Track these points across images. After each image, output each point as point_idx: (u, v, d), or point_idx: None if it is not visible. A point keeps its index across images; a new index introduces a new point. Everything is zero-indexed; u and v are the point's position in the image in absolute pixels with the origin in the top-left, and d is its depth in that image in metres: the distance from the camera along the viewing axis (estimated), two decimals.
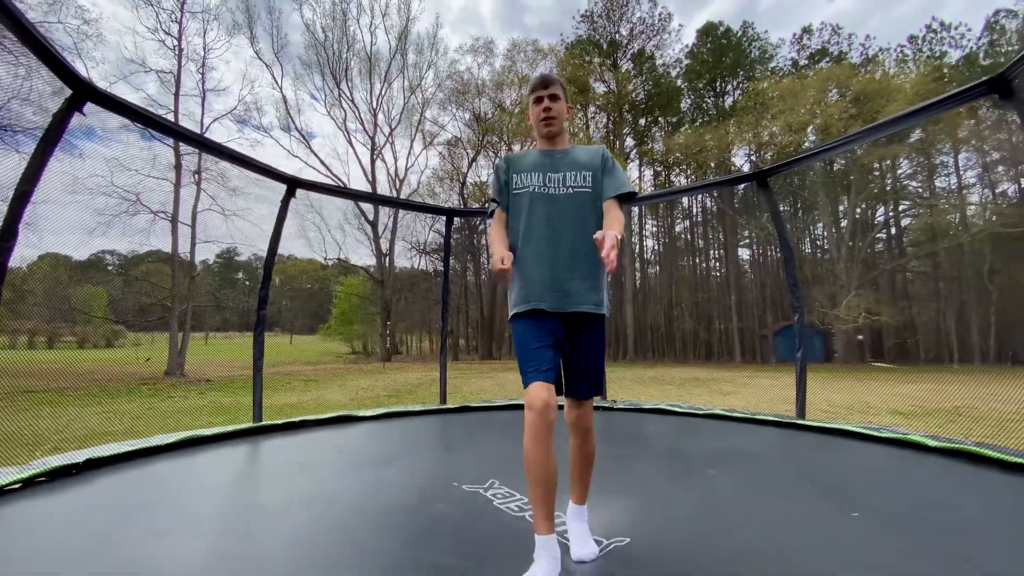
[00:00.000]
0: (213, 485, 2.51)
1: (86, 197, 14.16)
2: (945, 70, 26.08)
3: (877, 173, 28.36)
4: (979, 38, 27.83)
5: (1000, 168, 25.81)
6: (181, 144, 16.18)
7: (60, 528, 1.90)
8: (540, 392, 1.44)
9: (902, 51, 29.62)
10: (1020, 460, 2.38)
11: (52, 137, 2.22)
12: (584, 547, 1.60)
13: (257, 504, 2.25)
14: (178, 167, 17.18)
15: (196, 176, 17.80)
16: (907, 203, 29.07)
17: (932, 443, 2.79)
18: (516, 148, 30.40)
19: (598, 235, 1.38)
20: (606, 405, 4.36)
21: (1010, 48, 25.62)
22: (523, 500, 2.13)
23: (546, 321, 1.61)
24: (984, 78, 2.56)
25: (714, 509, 2.07)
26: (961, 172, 26.99)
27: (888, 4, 61.32)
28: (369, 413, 4.36)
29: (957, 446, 2.71)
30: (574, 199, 1.67)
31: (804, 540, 1.72)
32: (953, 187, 27.25)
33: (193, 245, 17.91)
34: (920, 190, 28.45)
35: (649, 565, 1.53)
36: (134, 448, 2.90)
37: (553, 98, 1.73)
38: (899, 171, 28.55)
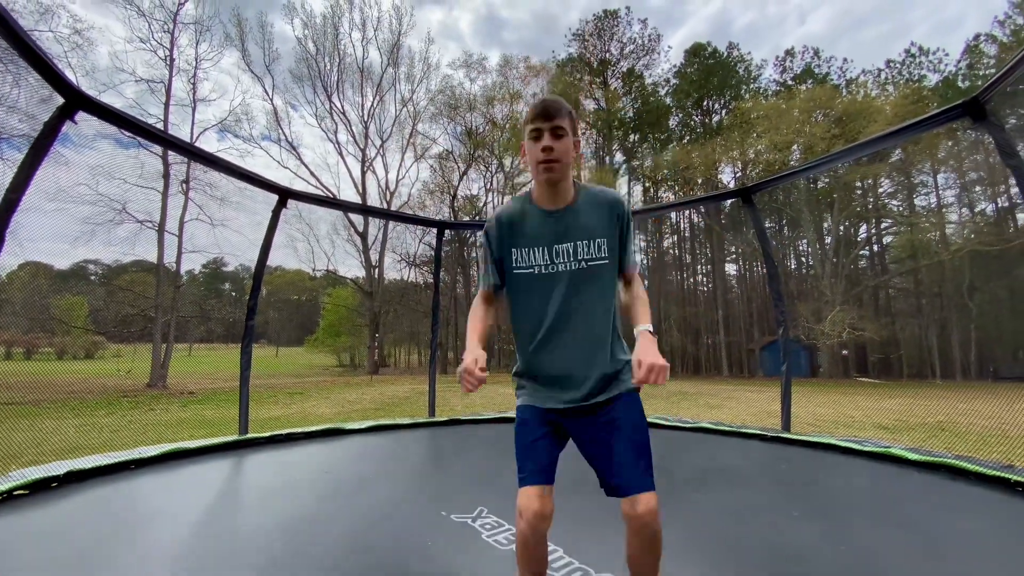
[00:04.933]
0: (197, 501, 2.47)
1: (70, 205, 13.98)
2: (925, 92, 26.92)
3: (860, 191, 29.04)
4: (958, 62, 28.85)
5: (977, 188, 26.57)
6: (169, 153, 16.09)
7: (41, 542, 1.85)
8: (531, 501, 1.27)
9: (880, 74, 30.60)
10: (998, 473, 2.43)
11: (42, 145, 2.21)
12: None
13: (236, 529, 2.21)
14: (166, 176, 17.06)
15: (184, 185, 17.68)
16: (888, 221, 29.75)
17: (913, 456, 2.84)
18: (507, 163, 30.62)
19: (635, 360, 1.22)
20: None
21: (988, 71, 26.54)
22: (511, 531, 2.07)
23: (555, 414, 1.39)
24: (958, 102, 2.66)
25: (703, 525, 2.08)
26: (940, 191, 27.74)
27: (855, 28, 63.65)
28: (357, 426, 4.32)
29: (938, 459, 2.76)
30: (588, 276, 1.37)
31: (786, 548, 1.74)
32: (933, 206, 27.97)
33: (179, 255, 17.73)
34: (901, 208, 29.15)
35: None
36: (117, 460, 2.84)
37: (556, 134, 1.31)
38: (880, 190, 29.27)
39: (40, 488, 2.44)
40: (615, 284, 1.43)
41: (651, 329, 1.32)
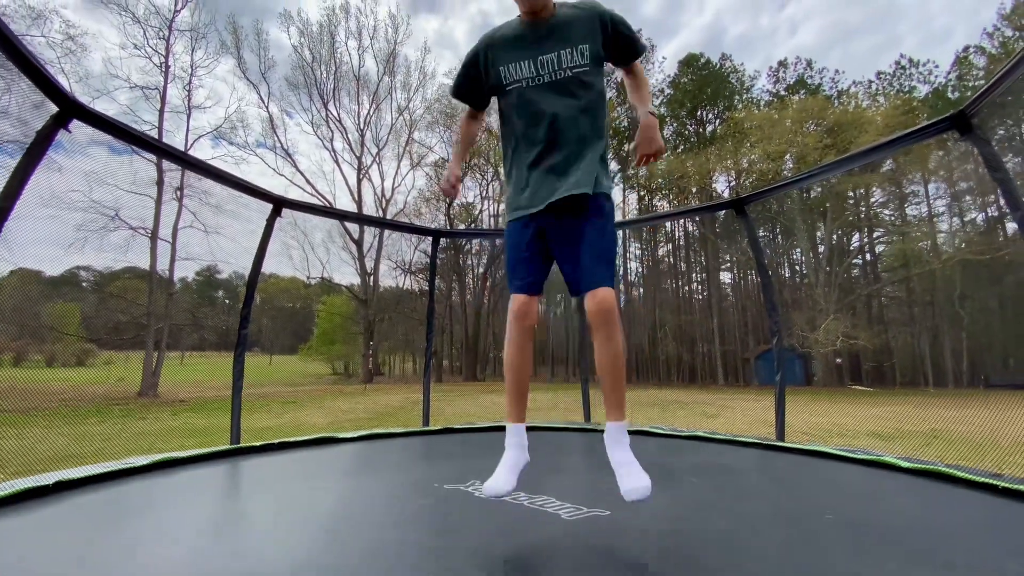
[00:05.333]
0: (188, 511, 2.44)
1: (62, 211, 13.90)
2: (915, 103, 27.34)
3: (852, 201, 29.34)
4: (947, 73, 29.35)
5: (967, 198, 26.92)
6: (164, 160, 16.06)
7: (29, 554, 1.83)
8: (517, 302, 1.50)
9: (871, 85, 31.07)
10: (988, 480, 2.44)
11: (35, 154, 2.21)
12: (632, 480, 1.39)
13: (228, 539, 2.19)
14: (160, 183, 17.01)
15: (178, 193, 17.64)
16: (881, 230, 30.06)
17: (904, 464, 2.85)
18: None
19: (636, 140, 1.43)
20: (590, 427, 4.36)
21: (977, 83, 27.02)
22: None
23: (534, 225, 1.53)
24: (945, 115, 2.71)
25: (694, 532, 2.08)
26: (931, 201, 28.09)
27: (846, 39, 64.80)
28: (350, 435, 4.29)
29: (929, 467, 2.77)
30: (576, 85, 1.45)
31: (780, 555, 1.74)
32: (924, 215, 28.30)
33: (173, 262, 17.64)
34: (892, 218, 29.47)
35: None
36: (108, 470, 2.81)
37: None
38: (872, 199, 29.59)
39: (28, 498, 2.41)
40: (602, 94, 1.51)
41: (652, 111, 1.47)
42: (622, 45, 1.51)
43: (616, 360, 1.44)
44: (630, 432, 1.55)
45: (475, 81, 1.62)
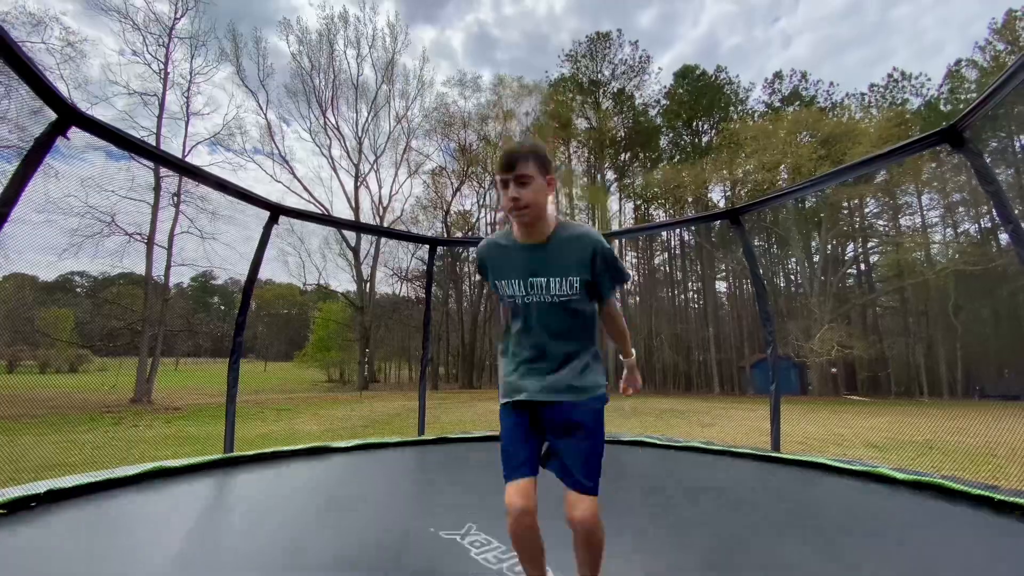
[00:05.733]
0: (180, 521, 2.42)
1: (58, 216, 13.84)
2: (907, 116, 27.66)
3: (846, 211, 29.57)
4: (940, 86, 29.73)
5: (961, 209, 27.17)
6: (162, 167, 16.03)
7: (20, 564, 1.80)
8: (513, 497, 1.39)
9: (864, 98, 31.43)
10: (984, 493, 2.45)
11: (33, 160, 2.21)
12: None
13: (219, 550, 2.17)
14: (157, 189, 16.98)
15: (175, 198, 17.59)
16: (875, 241, 30.28)
17: (900, 476, 2.85)
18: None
19: (624, 382, 1.70)
20: None
21: (969, 96, 27.39)
22: (501, 549, 2.06)
23: (527, 412, 1.51)
24: (937, 129, 2.74)
25: (692, 543, 2.07)
26: (924, 212, 28.34)
27: (838, 52, 65.67)
28: (344, 444, 4.26)
29: (925, 479, 2.78)
30: (562, 309, 1.47)
31: (775, 565, 1.73)
32: (917, 226, 28.54)
33: (168, 268, 17.55)
34: (886, 228, 29.70)
35: None
36: (99, 479, 2.78)
37: (521, 182, 1.36)
38: (866, 210, 29.83)
39: (19, 508, 2.38)
40: (594, 313, 1.55)
41: (633, 359, 1.73)
42: (610, 276, 1.49)
43: (597, 552, 1.45)
44: (628, 442, 1.56)
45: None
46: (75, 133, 2.50)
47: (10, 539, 2.05)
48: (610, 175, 35.53)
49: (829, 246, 28.95)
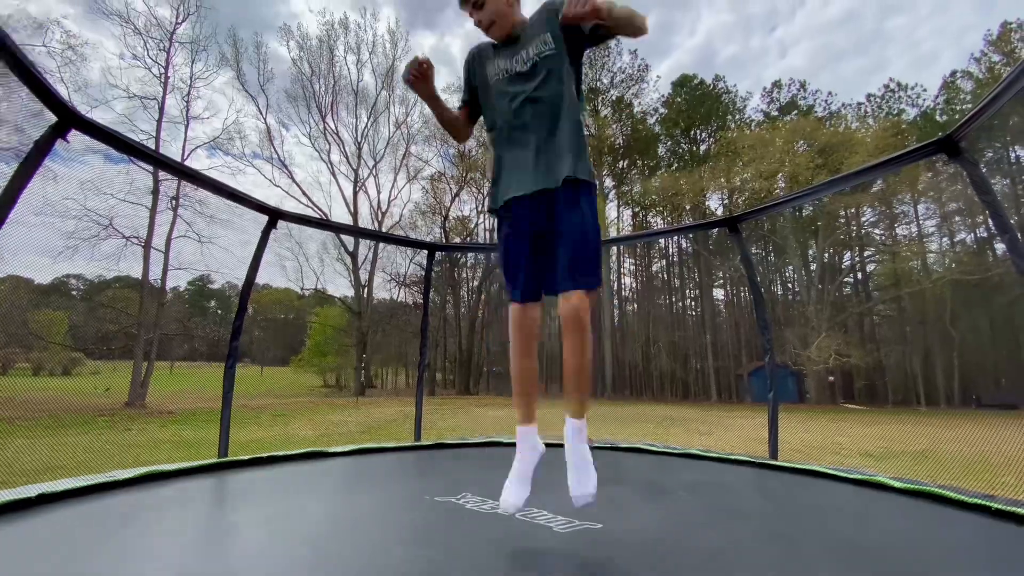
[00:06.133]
0: (173, 526, 2.39)
1: (55, 219, 13.82)
2: (903, 126, 27.88)
3: (843, 220, 29.71)
4: (936, 96, 30.00)
5: (957, 218, 27.32)
6: (161, 171, 16.03)
7: (10, 570, 1.78)
8: (515, 311, 1.55)
9: (860, 107, 31.70)
10: (981, 502, 2.44)
11: (32, 163, 2.20)
12: (580, 485, 1.43)
13: (213, 555, 2.15)
14: (155, 192, 16.97)
15: (173, 202, 17.58)
16: (871, 249, 30.40)
17: (897, 484, 2.85)
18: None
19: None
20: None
21: (964, 106, 27.64)
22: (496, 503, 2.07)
23: (523, 220, 1.52)
24: (933, 139, 2.75)
25: (685, 548, 2.06)
26: (921, 221, 28.50)
27: (835, 62, 66.26)
28: (340, 450, 4.24)
29: (922, 488, 2.77)
30: (545, 70, 1.51)
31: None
32: (914, 235, 28.68)
33: (165, 271, 17.50)
34: (883, 237, 29.83)
35: None
36: (92, 483, 2.75)
37: (476, 4, 1.56)
38: (863, 218, 29.98)
39: (9, 511, 2.35)
40: (570, 70, 1.54)
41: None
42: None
43: (583, 368, 1.46)
44: (627, 449, 1.58)
45: (468, 83, 1.79)
46: (75, 136, 2.50)
47: (1, 542, 2.03)
48: (608, 182, 35.65)
49: (826, 254, 29.06)
